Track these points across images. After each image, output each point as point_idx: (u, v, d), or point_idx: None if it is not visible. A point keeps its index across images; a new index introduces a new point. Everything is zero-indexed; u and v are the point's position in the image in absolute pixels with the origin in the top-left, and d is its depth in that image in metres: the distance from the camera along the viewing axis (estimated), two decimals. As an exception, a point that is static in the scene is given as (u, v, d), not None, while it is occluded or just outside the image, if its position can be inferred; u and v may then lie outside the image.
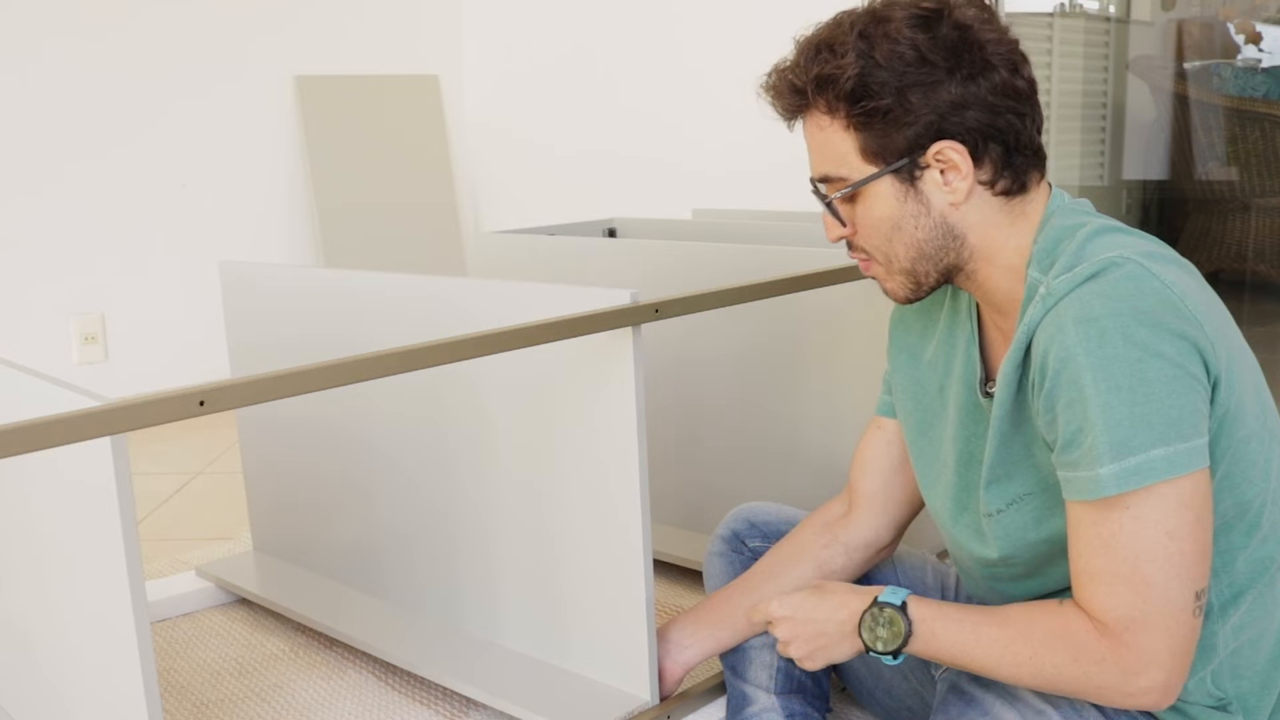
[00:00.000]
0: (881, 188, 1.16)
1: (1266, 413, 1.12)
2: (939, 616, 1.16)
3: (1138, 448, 1.00)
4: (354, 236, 3.78)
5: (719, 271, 1.96)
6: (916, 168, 1.14)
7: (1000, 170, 1.14)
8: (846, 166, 1.17)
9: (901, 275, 1.20)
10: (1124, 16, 3.89)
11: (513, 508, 1.64)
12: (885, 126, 1.13)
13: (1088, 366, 1.01)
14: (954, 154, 1.12)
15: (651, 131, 3.56)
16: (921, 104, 1.11)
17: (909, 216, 1.16)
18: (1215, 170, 3.70)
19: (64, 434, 1.02)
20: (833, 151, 1.17)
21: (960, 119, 1.11)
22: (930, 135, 1.12)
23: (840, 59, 1.12)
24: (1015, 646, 1.10)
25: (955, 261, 1.18)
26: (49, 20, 3.27)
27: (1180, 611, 1.02)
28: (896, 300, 1.24)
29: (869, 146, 1.14)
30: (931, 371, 1.30)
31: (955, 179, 1.13)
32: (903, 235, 1.17)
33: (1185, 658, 1.04)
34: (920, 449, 1.32)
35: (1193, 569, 1.02)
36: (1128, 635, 1.03)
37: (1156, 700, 1.05)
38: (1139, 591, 1.02)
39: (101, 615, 1.21)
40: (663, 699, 1.52)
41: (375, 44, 3.91)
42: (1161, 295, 1.02)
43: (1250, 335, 1.17)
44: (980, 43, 1.11)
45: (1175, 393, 1.00)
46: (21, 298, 3.29)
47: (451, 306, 1.66)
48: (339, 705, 1.70)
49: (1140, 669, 1.03)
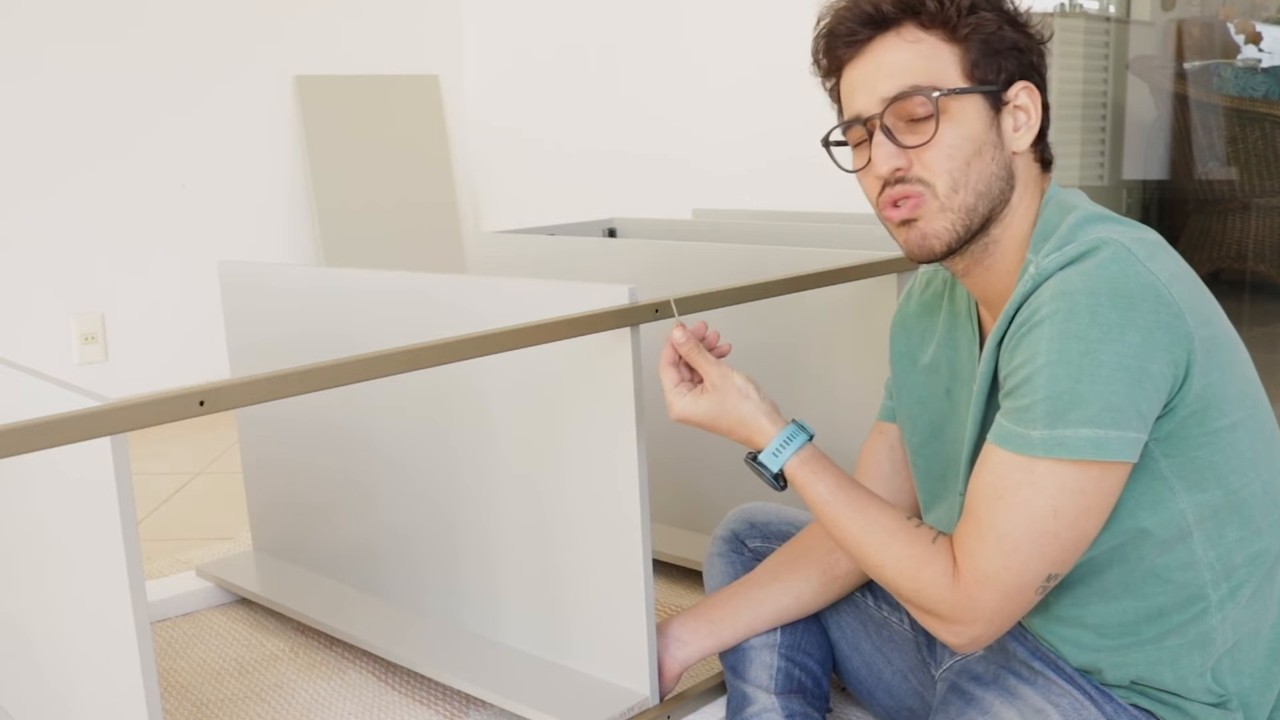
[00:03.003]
0: (975, 108, 1.15)
1: (1257, 406, 1.13)
2: (826, 477, 1.22)
3: (1070, 422, 1.02)
4: (354, 236, 3.78)
5: (719, 271, 1.96)
6: (1002, 102, 1.16)
7: (1042, 137, 1.19)
8: (945, 78, 1.14)
9: (957, 212, 1.15)
10: (1124, 16, 3.88)
11: (513, 506, 1.65)
12: (988, 47, 1.15)
13: (1048, 335, 1.04)
14: (1029, 99, 1.17)
15: (651, 131, 3.56)
16: (1016, 39, 1.16)
17: (990, 145, 1.16)
18: (1215, 170, 3.70)
19: (64, 434, 1.02)
20: (929, 64, 1.15)
21: (1036, 70, 1.17)
22: (1019, 73, 1.16)
23: None
24: (869, 546, 1.17)
25: (998, 214, 1.17)
26: (49, 21, 3.27)
27: (1027, 585, 1.07)
28: (932, 250, 1.17)
29: (971, 61, 1.15)
30: (934, 375, 1.30)
31: (1025, 124, 1.17)
32: (982, 161, 1.15)
33: (1006, 623, 1.10)
34: (932, 451, 1.32)
35: (1059, 553, 1.06)
36: (973, 586, 1.08)
37: (959, 645, 1.12)
38: (1003, 553, 1.06)
39: (101, 615, 1.21)
40: (660, 696, 1.52)
41: (375, 44, 3.91)
42: (1144, 280, 1.03)
43: (1250, 335, 1.18)
44: (1033, 27, 1.18)
45: (1122, 382, 1.01)
46: (21, 298, 3.29)
47: (451, 306, 1.66)
48: (339, 705, 1.70)
49: (966, 618, 1.10)
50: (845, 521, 1.20)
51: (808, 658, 1.44)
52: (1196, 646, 1.13)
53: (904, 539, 1.15)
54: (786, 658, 1.43)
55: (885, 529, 1.17)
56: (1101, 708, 1.16)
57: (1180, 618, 1.12)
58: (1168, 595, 1.12)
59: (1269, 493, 1.12)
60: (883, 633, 1.44)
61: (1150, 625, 1.13)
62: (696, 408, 1.31)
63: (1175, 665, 1.14)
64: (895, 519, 1.18)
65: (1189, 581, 1.11)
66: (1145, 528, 1.10)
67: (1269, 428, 1.14)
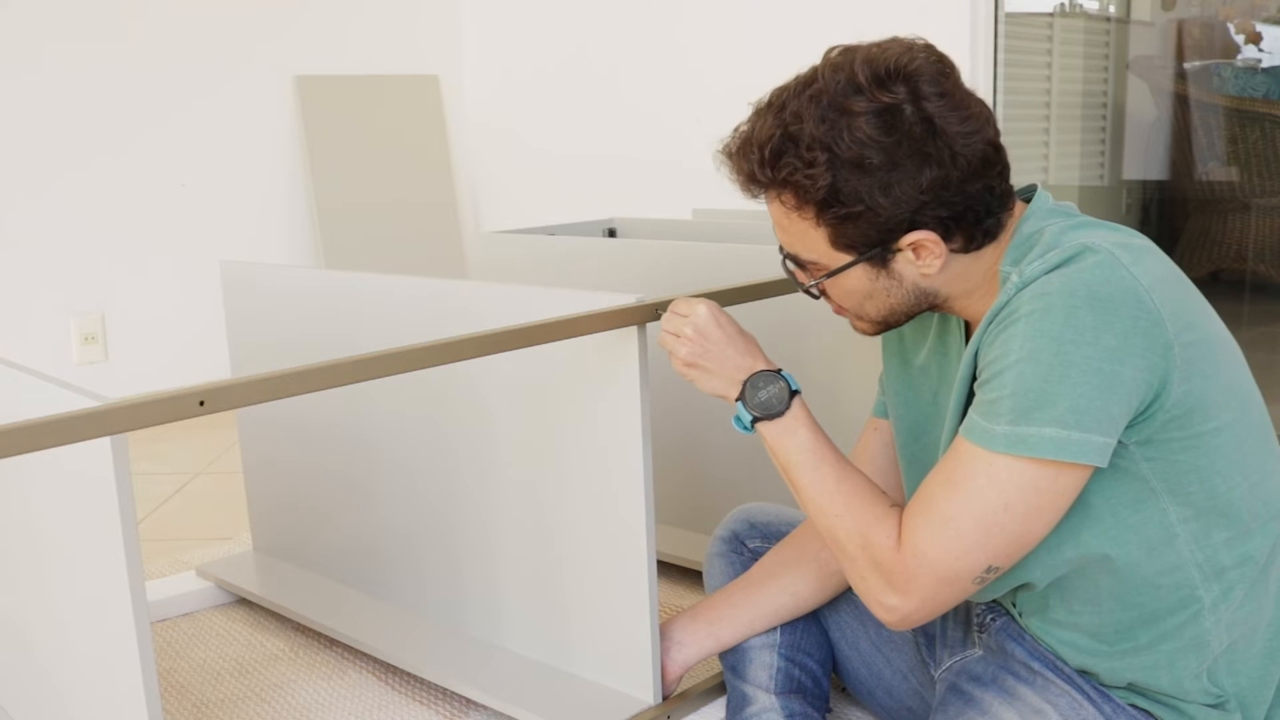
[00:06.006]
0: (854, 271, 1.18)
1: (1246, 408, 1.12)
2: (808, 429, 1.25)
3: (1035, 420, 1.02)
4: (354, 236, 3.78)
5: (719, 271, 1.95)
6: (889, 253, 1.15)
7: (972, 236, 1.15)
8: (817, 254, 1.18)
9: (874, 323, 1.25)
10: (1124, 16, 3.89)
11: (514, 509, 1.64)
12: (857, 225, 1.13)
13: (1023, 333, 1.04)
14: (927, 241, 1.13)
15: (651, 131, 3.56)
16: (892, 206, 1.11)
17: (881, 290, 1.19)
18: (1215, 170, 3.70)
19: (64, 434, 1.02)
20: (802, 239, 1.18)
21: (932, 211, 1.11)
22: (902, 229, 1.13)
23: (809, 168, 1.11)
24: (830, 504, 1.19)
25: (928, 306, 1.22)
26: (49, 21, 3.27)
27: (964, 573, 1.08)
28: (866, 335, 1.28)
29: (841, 240, 1.16)
30: (924, 377, 1.31)
31: (929, 258, 1.15)
32: (875, 302, 1.21)
33: (939, 606, 1.11)
34: (912, 454, 1.33)
35: (1002, 546, 1.07)
36: (912, 561, 1.09)
37: (890, 620, 1.13)
38: (947, 536, 1.07)
39: (101, 615, 1.21)
40: (661, 698, 1.52)
41: (375, 44, 3.91)
42: (1125, 285, 1.03)
43: (1250, 335, 1.18)
44: (947, 134, 1.09)
45: (1092, 385, 1.01)
46: (21, 298, 3.29)
47: (452, 308, 1.66)
48: (339, 705, 1.70)
49: (900, 590, 1.10)
50: (818, 476, 1.22)
51: (807, 658, 1.44)
52: (1192, 649, 1.13)
53: (868, 498, 1.18)
54: (786, 658, 1.43)
55: (856, 489, 1.19)
56: (1100, 707, 1.16)
57: (1174, 621, 1.12)
58: (1159, 600, 1.12)
59: (1256, 494, 1.12)
60: (882, 633, 1.44)
61: (1145, 630, 1.13)
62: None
63: (1171, 669, 1.14)
64: (867, 481, 1.21)
65: (1179, 584, 1.11)
66: (1128, 531, 1.10)
67: (1258, 428, 1.13)
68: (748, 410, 1.27)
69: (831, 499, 1.19)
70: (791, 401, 1.26)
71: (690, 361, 1.32)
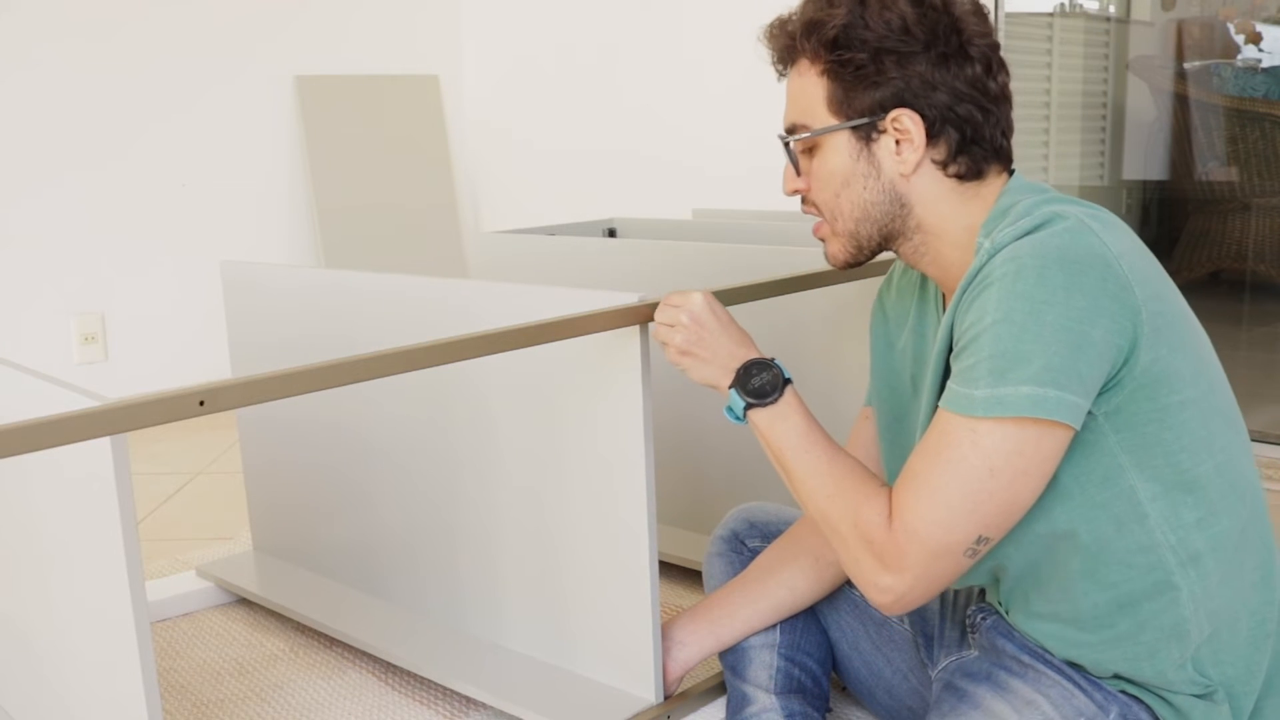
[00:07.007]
0: (839, 141, 1.21)
1: (1212, 388, 1.13)
2: (800, 414, 1.25)
3: (1011, 380, 1.03)
4: (354, 236, 3.78)
5: (719, 271, 1.96)
6: (874, 130, 1.19)
7: (954, 154, 1.18)
8: (812, 115, 1.22)
9: (843, 237, 1.25)
10: (1124, 16, 3.89)
11: (515, 508, 1.64)
12: (854, 81, 1.18)
13: (996, 296, 1.05)
14: (910, 124, 1.17)
15: (651, 131, 3.56)
16: (893, 69, 1.16)
17: (859, 175, 1.21)
18: (1215, 170, 3.70)
19: (64, 434, 1.02)
20: (805, 99, 1.22)
21: (925, 95, 1.17)
22: (893, 101, 1.17)
23: (833, 8, 1.18)
24: (821, 486, 1.19)
25: (899, 229, 1.22)
26: (48, 20, 3.27)
27: (956, 545, 1.08)
28: (835, 264, 1.29)
29: (835, 98, 1.19)
30: (904, 360, 1.32)
31: (907, 150, 1.18)
32: (850, 193, 1.22)
33: (934, 584, 1.11)
34: (893, 436, 1.34)
35: (991, 514, 1.07)
36: (902, 538, 1.09)
37: (885, 603, 1.12)
38: (936, 508, 1.07)
39: (101, 615, 1.21)
40: (663, 697, 1.52)
41: (375, 44, 3.91)
42: (1094, 249, 1.05)
43: (1250, 335, 1.18)
44: (964, 33, 1.17)
45: (1065, 344, 1.02)
46: (21, 298, 3.29)
47: (453, 308, 1.66)
48: (339, 705, 1.70)
49: (892, 569, 1.10)
50: (810, 459, 1.22)
51: (807, 657, 1.44)
52: (1173, 639, 1.13)
53: (859, 479, 1.18)
54: (786, 657, 1.43)
55: (848, 470, 1.20)
56: (1090, 695, 1.17)
57: (1152, 607, 1.13)
58: (1132, 581, 1.12)
59: (1223, 475, 1.12)
60: (882, 632, 1.44)
61: (1124, 616, 1.14)
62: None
63: (1153, 659, 1.14)
64: (859, 464, 1.21)
65: (1152, 565, 1.12)
66: (1096, 509, 1.11)
67: (1225, 410, 1.14)
68: (741, 397, 1.28)
69: (823, 481, 1.20)
70: (784, 388, 1.27)
71: (685, 349, 1.33)
